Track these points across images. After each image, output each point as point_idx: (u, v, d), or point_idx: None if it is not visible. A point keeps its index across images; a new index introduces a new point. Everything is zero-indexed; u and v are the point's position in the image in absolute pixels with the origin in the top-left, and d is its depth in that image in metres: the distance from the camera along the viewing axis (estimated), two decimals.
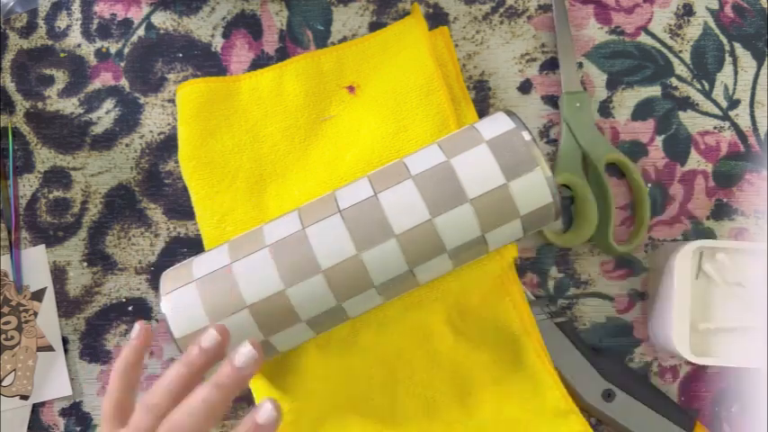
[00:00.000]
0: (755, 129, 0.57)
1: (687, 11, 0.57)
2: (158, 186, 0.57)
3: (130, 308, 0.56)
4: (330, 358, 0.52)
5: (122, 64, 0.57)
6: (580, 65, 0.57)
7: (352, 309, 0.48)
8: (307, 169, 0.54)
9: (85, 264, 0.57)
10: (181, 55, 0.57)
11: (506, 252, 0.52)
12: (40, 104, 0.57)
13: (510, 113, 0.48)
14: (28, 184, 0.57)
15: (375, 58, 0.56)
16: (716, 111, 0.57)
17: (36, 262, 0.56)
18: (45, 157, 0.57)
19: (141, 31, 0.58)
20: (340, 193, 0.48)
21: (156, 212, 0.57)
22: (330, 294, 0.46)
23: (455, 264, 0.48)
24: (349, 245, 0.46)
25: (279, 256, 0.46)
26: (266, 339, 0.47)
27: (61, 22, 0.58)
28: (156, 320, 0.56)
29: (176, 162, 0.57)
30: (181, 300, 0.46)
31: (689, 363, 0.55)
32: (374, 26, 0.57)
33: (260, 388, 0.52)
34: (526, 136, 0.46)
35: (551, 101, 0.57)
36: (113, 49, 0.58)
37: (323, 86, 0.56)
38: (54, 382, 0.56)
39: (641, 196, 0.55)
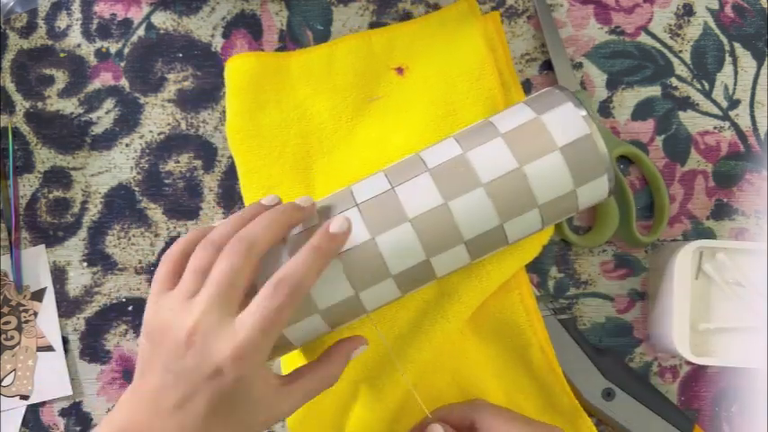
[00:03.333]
0: (755, 129, 0.57)
1: (687, 11, 0.57)
2: (158, 186, 0.57)
3: (130, 308, 0.56)
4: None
5: (122, 64, 0.57)
6: (580, 65, 0.57)
7: (405, 288, 0.47)
8: (353, 148, 0.55)
9: (85, 264, 0.57)
10: (181, 55, 0.57)
11: (529, 251, 0.52)
12: (40, 104, 0.57)
13: (573, 99, 0.46)
14: (28, 184, 0.57)
15: (426, 39, 0.55)
16: (716, 111, 0.57)
17: (36, 262, 0.56)
18: (45, 157, 0.57)
19: (141, 31, 0.58)
20: (403, 194, 0.46)
21: (156, 212, 0.57)
22: (398, 292, 0.46)
23: (507, 244, 0.48)
24: (419, 252, 0.45)
25: (349, 265, 0.45)
26: (322, 320, 0.46)
27: (61, 22, 0.58)
28: None
29: (176, 162, 0.57)
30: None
31: (689, 363, 0.55)
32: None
33: (289, 361, 0.53)
34: (599, 143, 0.45)
35: None
36: (113, 49, 0.58)
37: (372, 67, 0.56)
38: (54, 382, 0.56)
39: (658, 184, 0.55)
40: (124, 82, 0.57)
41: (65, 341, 0.56)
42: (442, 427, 0.47)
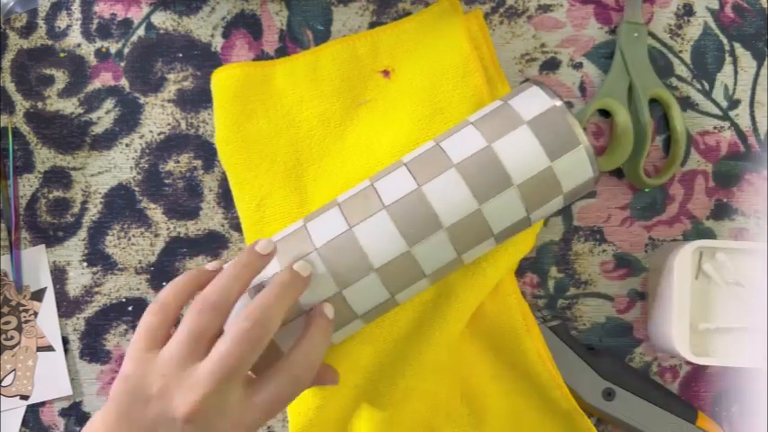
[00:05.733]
0: (755, 129, 0.57)
1: (687, 11, 0.57)
2: (158, 186, 0.57)
3: (130, 308, 0.56)
4: (352, 347, 0.52)
5: (122, 64, 0.57)
6: (580, 65, 0.57)
7: (402, 298, 0.48)
8: (344, 153, 0.55)
9: (85, 264, 0.57)
10: (181, 55, 0.57)
11: (523, 244, 0.52)
12: (40, 104, 0.57)
13: (542, 86, 0.47)
14: (28, 184, 0.57)
15: (410, 41, 0.55)
16: (716, 111, 0.57)
17: (36, 262, 0.56)
18: (45, 157, 0.57)
19: (141, 31, 0.58)
20: (381, 186, 0.47)
21: (156, 212, 0.57)
22: (385, 291, 0.46)
23: (498, 243, 0.48)
24: (399, 241, 0.45)
25: (329, 259, 0.45)
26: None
27: (61, 22, 0.58)
28: None
29: (176, 162, 0.57)
30: (234, 308, 0.45)
31: (689, 363, 0.55)
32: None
33: None
34: (568, 116, 0.46)
35: None
36: (113, 49, 0.58)
37: (358, 71, 0.56)
38: (54, 382, 0.56)
39: (678, 135, 0.55)
40: (124, 82, 0.57)
41: (65, 341, 0.56)
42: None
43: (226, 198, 0.57)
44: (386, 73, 0.55)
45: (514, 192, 0.46)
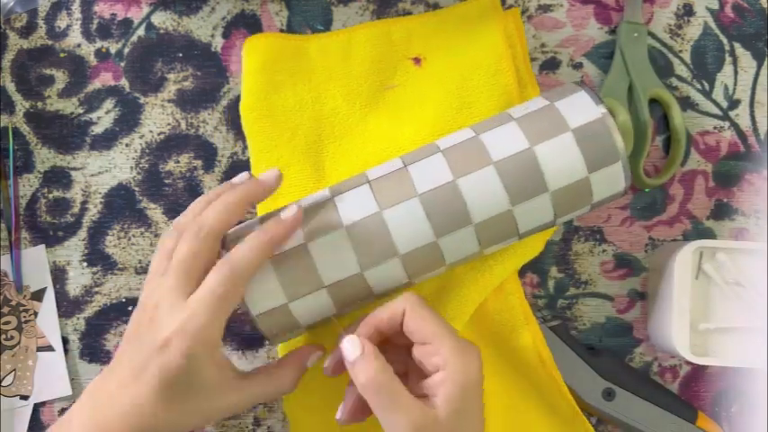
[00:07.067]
0: (755, 129, 0.57)
1: (687, 11, 0.57)
2: (158, 186, 0.57)
3: (130, 308, 0.56)
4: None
5: (122, 64, 0.57)
6: (580, 65, 0.57)
7: (418, 281, 0.49)
8: (365, 135, 0.55)
9: (85, 264, 0.57)
10: (181, 55, 0.57)
11: (532, 247, 0.52)
12: (40, 104, 0.57)
13: (587, 89, 0.47)
14: (28, 184, 0.57)
15: (445, 32, 0.55)
16: (716, 111, 0.57)
17: (36, 262, 0.56)
18: (45, 157, 0.57)
19: (141, 31, 0.58)
20: (415, 171, 0.47)
21: (156, 212, 0.57)
22: (404, 274, 0.47)
23: (519, 240, 0.49)
24: (428, 231, 0.46)
25: (357, 238, 0.46)
26: (339, 312, 0.48)
27: (61, 22, 0.58)
28: None
29: (176, 162, 0.57)
30: (257, 277, 0.46)
31: (689, 363, 0.55)
32: None
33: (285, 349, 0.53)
34: (613, 128, 0.46)
35: None
36: (113, 49, 0.58)
37: (390, 55, 0.56)
38: (54, 382, 0.56)
39: (678, 136, 0.55)
40: (124, 82, 0.57)
41: (65, 341, 0.56)
42: (352, 339, 0.44)
43: None
44: (417, 60, 0.55)
45: (548, 197, 0.46)
